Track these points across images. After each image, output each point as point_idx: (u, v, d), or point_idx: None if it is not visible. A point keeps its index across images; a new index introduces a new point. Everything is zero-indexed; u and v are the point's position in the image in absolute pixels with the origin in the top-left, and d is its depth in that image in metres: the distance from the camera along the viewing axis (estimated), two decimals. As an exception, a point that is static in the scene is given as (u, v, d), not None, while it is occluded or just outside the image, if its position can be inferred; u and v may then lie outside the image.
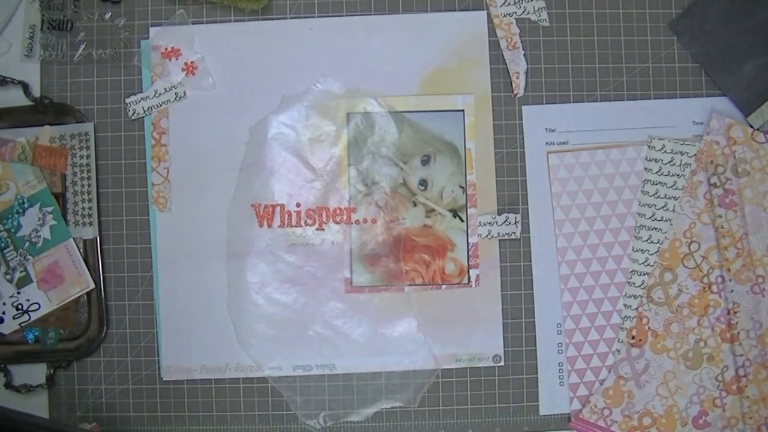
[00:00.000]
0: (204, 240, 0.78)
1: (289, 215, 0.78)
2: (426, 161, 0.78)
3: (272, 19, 0.79)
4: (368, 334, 0.78)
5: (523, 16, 0.79)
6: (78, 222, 0.77)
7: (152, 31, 0.78)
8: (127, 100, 0.78)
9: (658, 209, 0.78)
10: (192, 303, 0.77)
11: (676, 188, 0.78)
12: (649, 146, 0.78)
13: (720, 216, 0.77)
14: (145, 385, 0.78)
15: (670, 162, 0.78)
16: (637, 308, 0.78)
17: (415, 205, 0.78)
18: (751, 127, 0.78)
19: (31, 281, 0.76)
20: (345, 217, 0.78)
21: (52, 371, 0.77)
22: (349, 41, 0.78)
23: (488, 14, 0.79)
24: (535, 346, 0.78)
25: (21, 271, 0.76)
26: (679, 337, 0.78)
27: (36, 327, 0.77)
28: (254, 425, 0.78)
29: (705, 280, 0.78)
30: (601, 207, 0.78)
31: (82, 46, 0.78)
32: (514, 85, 0.78)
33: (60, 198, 0.77)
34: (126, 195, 0.78)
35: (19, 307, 0.76)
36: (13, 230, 0.76)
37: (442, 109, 0.78)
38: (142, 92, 0.78)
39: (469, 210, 0.78)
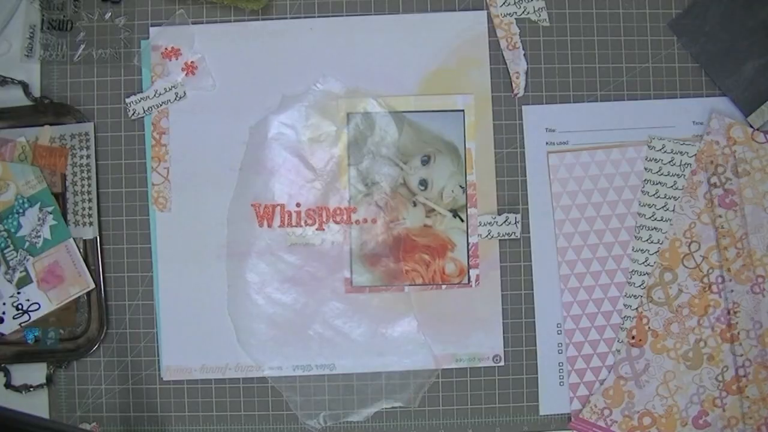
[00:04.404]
0: (204, 240, 0.78)
1: (289, 215, 0.78)
2: (426, 161, 0.78)
3: (272, 19, 0.79)
4: (368, 334, 0.78)
5: (523, 16, 0.79)
6: (78, 222, 0.77)
7: (152, 31, 0.78)
8: (127, 100, 0.78)
9: (658, 209, 0.78)
10: (192, 303, 0.77)
11: (676, 188, 0.78)
12: (649, 146, 0.78)
13: (720, 216, 0.77)
14: (145, 385, 0.78)
15: (670, 162, 0.78)
16: (637, 308, 0.78)
17: (415, 205, 0.78)
18: (751, 127, 0.78)
19: (31, 281, 0.76)
20: (345, 217, 0.78)
21: (52, 371, 0.77)
22: (349, 41, 0.78)
23: (488, 14, 0.79)
24: (535, 346, 0.78)
25: (21, 271, 0.76)
26: (679, 337, 0.78)
27: (36, 327, 0.77)
28: (254, 425, 0.78)
29: (705, 280, 0.78)
30: (601, 207, 0.78)
31: (82, 46, 0.78)
32: (514, 85, 0.78)
33: (60, 198, 0.77)
34: (126, 195, 0.78)
35: (19, 307, 0.76)
36: (13, 230, 0.76)
37: (442, 109, 0.78)
38: (142, 92, 0.78)
39: (469, 210, 0.78)
